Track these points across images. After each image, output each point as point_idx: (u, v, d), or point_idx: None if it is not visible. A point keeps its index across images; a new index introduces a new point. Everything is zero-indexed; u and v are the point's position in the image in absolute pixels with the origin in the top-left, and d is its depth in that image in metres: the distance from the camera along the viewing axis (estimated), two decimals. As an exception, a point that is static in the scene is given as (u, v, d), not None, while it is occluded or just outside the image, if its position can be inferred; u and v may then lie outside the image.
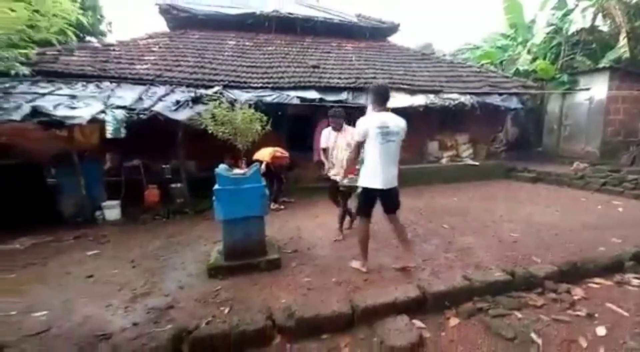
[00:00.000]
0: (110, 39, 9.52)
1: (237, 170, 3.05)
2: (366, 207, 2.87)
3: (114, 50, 6.45)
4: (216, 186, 2.92)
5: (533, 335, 2.17)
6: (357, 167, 3.15)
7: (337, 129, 3.71)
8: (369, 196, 2.83)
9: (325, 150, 3.78)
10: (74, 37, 4.67)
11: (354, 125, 2.97)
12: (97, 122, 4.14)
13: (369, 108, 3.79)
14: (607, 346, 2.07)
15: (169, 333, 2.11)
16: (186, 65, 6.32)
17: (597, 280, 2.88)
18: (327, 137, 3.76)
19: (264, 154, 4.59)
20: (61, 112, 3.86)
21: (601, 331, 2.21)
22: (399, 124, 2.80)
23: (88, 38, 9.04)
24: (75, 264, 3.38)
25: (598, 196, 5.90)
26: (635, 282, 2.86)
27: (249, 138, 3.07)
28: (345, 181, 3.17)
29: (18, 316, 2.42)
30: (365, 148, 2.82)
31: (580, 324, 2.30)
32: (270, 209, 3.88)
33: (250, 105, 3.24)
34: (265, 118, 3.21)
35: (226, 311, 2.43)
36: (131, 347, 1.99)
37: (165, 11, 7.87)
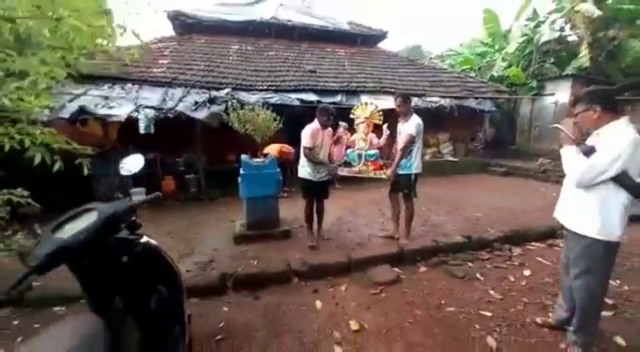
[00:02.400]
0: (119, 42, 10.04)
1: (257, 159, 3.83)
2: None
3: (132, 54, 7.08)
4: (242, 171, 3.71)
5: (478, 275, 3.05)
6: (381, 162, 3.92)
7: (326, 125, 3.48)
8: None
9: (311, 149, 3.41)
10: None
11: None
12: (130, 120, 4.85)
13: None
14: (528, 280, 2.96)
15: (216, 275, 2.90)
16: (197, 69, 7.03)
17: (534, 243, 3.79)
18: (315, 135, 3.41)
19: (273, 149, 5.34)
20: (102, 111, 4.56)
21: (527, 272, 3.11)
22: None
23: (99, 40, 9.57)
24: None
25: (556, 187, 6.85)
26: (562, 244, 3.78)
27: (266, 134, 3.85)
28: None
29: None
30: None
31: (513, 269, 3.19)
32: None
33: (266, 107, 3.97)
34: (278, 118, 3.98)
35: (255, 263, 3.23)
36: (191, 283, 2.75)
37: (174, 17, 8.53)
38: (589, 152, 1.88)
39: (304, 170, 3.55)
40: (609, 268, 1.94)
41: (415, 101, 7.97)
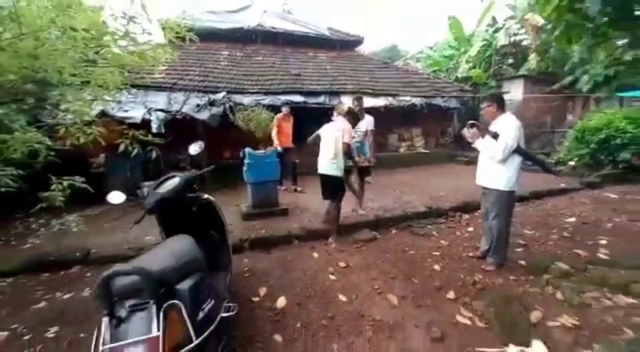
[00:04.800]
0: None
1: (259, 151, 4.67)
2: None
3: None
4: (247, 161, 4.54)
5: (434, 232, 4.05)
6: None
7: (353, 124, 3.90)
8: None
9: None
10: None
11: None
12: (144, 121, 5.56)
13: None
14: (470, 234, 3.98)
15: (235, 238, 3.74)
16: (194, 74, 7.74)
17: (479, 211, 4.83)
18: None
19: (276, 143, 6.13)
20: (120, 113, 5.24)
21: (470, 229, 4.13)
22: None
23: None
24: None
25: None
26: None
27: (266, 130, 4.70)
28: None
29: (136, 239, 3.93)
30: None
31: (460, 228, 4.22)
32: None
33: (268, 108, 4.81)
34: (275, 117, 4.84)
35: (263, 231, 4.08)
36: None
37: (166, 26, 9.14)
38: (495, 135, 2.87)
39: (338, 168, 3.73)
40: (512, 209, 2.98)
41: (390, 100, 9.01)
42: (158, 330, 1.28)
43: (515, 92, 10.28)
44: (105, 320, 1.31)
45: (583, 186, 5.88)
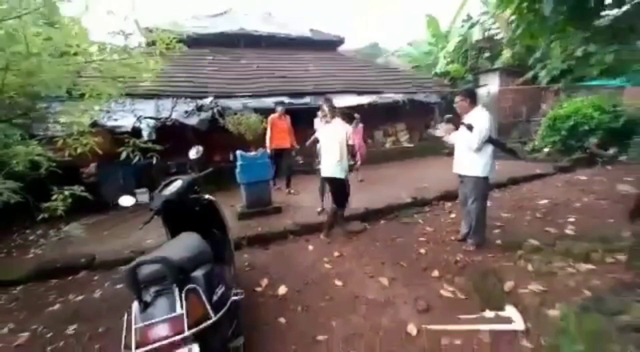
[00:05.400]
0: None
1: (251, 153, 4.87)
2: None
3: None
4: (239, 162, 4.73)
5: (420, 220, 4.34)
6: None
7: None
8: None
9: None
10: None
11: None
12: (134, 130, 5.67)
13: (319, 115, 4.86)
14: (452, 220, 4.27)
15: (234, 237, 3.93)
16: (180, 80, 7.84)
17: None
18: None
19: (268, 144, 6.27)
20: (110, 122, 5.34)
21: (452, 215, 4.43)
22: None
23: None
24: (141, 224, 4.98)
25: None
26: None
27: (255, 133, 4.89)
28: None
29: (136, 243, 4.08)
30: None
31: (443, 215, 4.52)
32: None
33: (255, 111, 5.01)
34: (264, 120, 5.04)
35: (259, 229, 4.29)
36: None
37: (150, 32, 9.19)
38: (470, 127, 3.16)
39: (343, 170, 3.79)
40: (487, 193, 3.29)
41: (374, 97, 9.30)
42: (181, 309, 1.49)
43: (492, 84, 10.74)
44: (135, 304, 1.51)
45: (556, 171, 6.29)
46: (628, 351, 1.50)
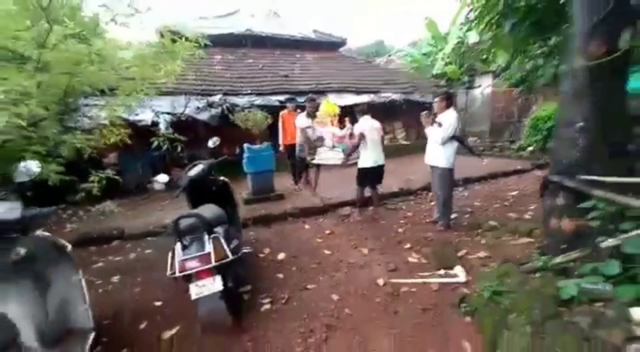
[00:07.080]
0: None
1: (256, 146, 5.50)
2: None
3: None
4: (246, 154, 5.37)
5: (403, 207, 4.96)
6: None
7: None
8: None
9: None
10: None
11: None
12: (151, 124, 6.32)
13: None
14: (430, 207, 4.88)
15: (241, 218, 4.58)
16: (191, 79, 8.47)
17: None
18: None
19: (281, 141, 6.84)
20: (132, 117, 5.99)
21: (432, 203, 5.03)
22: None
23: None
24: (159, 206, 5.66)
25: (474, 158, 9.06)
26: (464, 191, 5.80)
27: (262, 128, 5.52)
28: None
29: (156, 221, 4.75)
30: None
31: (424, 203, 5.14)
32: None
33: (259, 108, 5.62)
34: (268, 116, 5.67)
35: (263, 211, 4.94)
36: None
37: (162, 33, 9.82)
38: (440, 124, 3.77)
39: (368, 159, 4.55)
40: (452, 182, 3.91)
41: (372, 97, 9.89)
42: (210, 249, 2.14)
43: (485, 85, 11.27)
44: (177, 245, 2.16)
45: (533, 167, 6.87)
46: (524, 284, 2.11)
